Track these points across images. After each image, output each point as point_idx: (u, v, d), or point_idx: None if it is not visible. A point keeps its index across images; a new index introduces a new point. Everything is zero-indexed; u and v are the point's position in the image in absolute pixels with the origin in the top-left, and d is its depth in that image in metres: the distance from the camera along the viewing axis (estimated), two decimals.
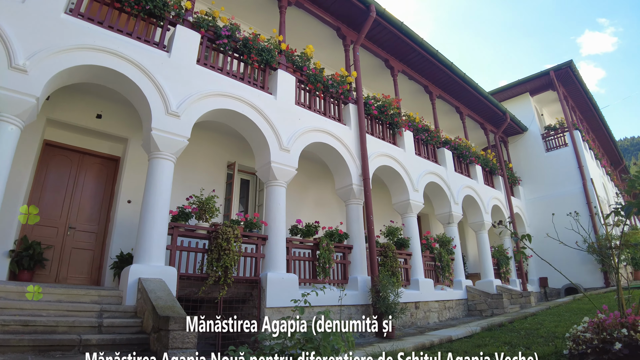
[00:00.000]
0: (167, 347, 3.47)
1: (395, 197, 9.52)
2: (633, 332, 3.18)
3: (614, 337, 3.23)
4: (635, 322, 3.24)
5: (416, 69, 11.24)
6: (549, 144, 15.20)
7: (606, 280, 12.39)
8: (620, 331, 3.21)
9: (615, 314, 3.40)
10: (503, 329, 6.14)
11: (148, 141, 5.21)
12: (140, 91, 5.26)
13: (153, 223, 4.89)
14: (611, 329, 3.30)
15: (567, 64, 14.75)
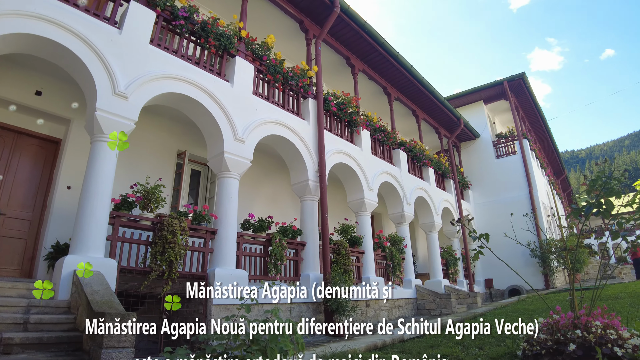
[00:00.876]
0: (101, 346, 3.22)
1: (350, 195, 9.57)
2: (586, 333, 3.21)
3: (568, 338, 3.26)
4: (588, 324, 3.29)
5: (376, 69, 11.37)
6: (499, 151, 15.96)
7: (546, 282, 13.20)
8: (574, 332, 3.25)
9: (568, 315, 3.46)
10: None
11: (91, 122, 4.86)
12: (85, 68, 4.88)
13: (92, 211, 4.56)
14: (565, 330, 3.34)
15: (519, 75, 15.56)
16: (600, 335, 3.15)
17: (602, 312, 3.45)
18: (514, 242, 5.43)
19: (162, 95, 5.68)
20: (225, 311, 5.35)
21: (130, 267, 4.98)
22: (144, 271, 5.00)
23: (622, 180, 3.50)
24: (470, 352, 4.49)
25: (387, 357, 4.45)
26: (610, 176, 3.48)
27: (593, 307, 3.54)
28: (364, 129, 10.09)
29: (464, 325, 6.63)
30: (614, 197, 3.49)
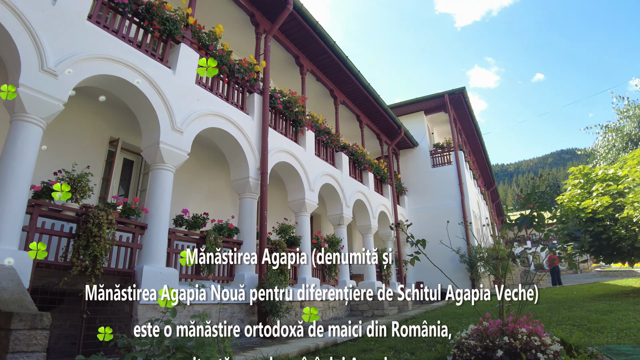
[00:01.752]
0: (6, 351, 2.89)
1: (291, 194, 9.58)
2: (513, 340, 3.39)
3: (496, 345, 3.42)
4: (515, 330, 3.48)
5: (325, 71, 11.49)
6: (435, 161, 16.81)
7: (473, 287, 14.10)
8: (502, 339, 3.42)
9: (497, 322, 3.64)
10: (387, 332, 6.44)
11: (12, 99, 4.41)
12: (8, 37, 4.42)
13: (7, 198, 4.14)
14: (493, 336, 3.50)
15: (460, 90, 16.50)
16: (526, 342, 3.35)
17: (527, 319, 3.66)
18: (444, 247, 5.69)
19: (98, 76, 5.30)
20: (152, 311, 5.11)
21: (49, 261, 4.59)
22: (65, 266, 4.63)
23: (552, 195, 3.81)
24: (403, 357, 4.58)
25: None
26: (544, 192, 3.78)
27: (520, 315, 3.74)
28: (308, 129, 10.15)
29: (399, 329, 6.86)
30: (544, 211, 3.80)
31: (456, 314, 8.24)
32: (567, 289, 13.52)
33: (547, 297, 10.50)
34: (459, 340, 3.75)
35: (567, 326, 5.64)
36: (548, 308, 8.11)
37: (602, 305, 7.78)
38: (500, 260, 9.63)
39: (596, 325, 5.52)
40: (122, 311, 4.95)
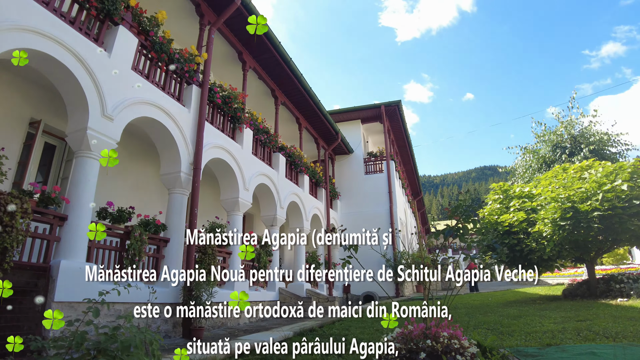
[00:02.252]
0: None
1: (224, 193, 9.40)
2: (435, 343, 3.63)
3: (419, 347, 3.64)
4: (437, 334, 3.71)
5: (267, 70, 11.44)
6: (368, 168, 17.43)
7: (397, 291, 14.76)
8: (425, 342, 3.65)
9: (420, 326, 3.85)
10: (314, 334, 6.56)
11: None
12: None
13: None
14: (417, 339, 3.71)
15: (396, 102, 17.28)
16: (447, 345, 3.60)
17: (448, 324, 3.90)
18: (372, 252, 5.90)
19: (21, 50, 4.83)
20: (70, 310, 4.74)
21: None
22: None
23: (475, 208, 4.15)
24: (331, 358, 4.69)
25: None
26: (469, 206, 4.10)
27: (441, 320, 3.96)
28: (247, 127, 10.03)
29: (323, 330, 7.00)
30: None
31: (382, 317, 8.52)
32: (483, 296, 14.66)
33: (465, 302, 11.30)
34: (384, 342, 3.88)
35: (482, 330, 6.12)
36: (466, 313, 8.75)
37: (513, 310, 8.54)
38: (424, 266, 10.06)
39: (508, 329, 6.06)
40: (33, 310, 4.54)
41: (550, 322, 6.42)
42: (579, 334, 5.23)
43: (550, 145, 19.01)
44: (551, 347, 4.49)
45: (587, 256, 10.32)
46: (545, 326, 6.03)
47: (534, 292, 14.17)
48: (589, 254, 10.20)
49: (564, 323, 6.16)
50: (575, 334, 5.20)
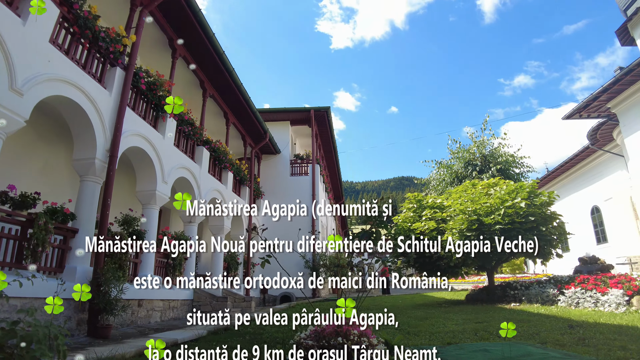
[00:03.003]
0: None
1: (141, 184, 8.98)
2: (346, 340, 3.84)
3: (331, 344, 3.83)
4: (348, 332, 3.93)
5: (198, 61, 11.16)
6: (294, 170, 17.66)
7: (314, 292, 15.07)
8: (337, 339, 3.85)
9: (333, 325, 4.03)
10: (229, 333, 6.54)
11: None
12: None
13: None
14: (329, 337, 3.90)
15: (325, 108, 17.76)
16: (357, 342, 3.84)
17: (358, 323, 4.12)
18: (292, 252, 6.10)
19: None
20: None
21: None
22: None
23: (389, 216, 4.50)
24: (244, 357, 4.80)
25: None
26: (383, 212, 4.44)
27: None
28: (171, 117, 9.68)
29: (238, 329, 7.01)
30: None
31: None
32: (394, 298, 15.54)
33: (377, 304, 11.91)
34: (298, 340, 4.07)
35: (391, 330, 6.57)
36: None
37: (420, 313, 9.22)
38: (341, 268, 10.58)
39: (414, 330, 6.57)
40: None
41: (452, 323, 7.05)
42: (476, 334, 5.85)
43: (463, 162, 20.78)
44: (451, 345, 4.99)
45: (489, 265, 11.48)
46: (448, 327, 6.63)
47: (440, 297, 15.34)
48: (490, 263, 11.34)
49: (464, 324, 6.81)
50: (473, 334, 5.80)
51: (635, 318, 6.57)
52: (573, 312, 7.65)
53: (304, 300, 13.41)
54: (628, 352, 4.02)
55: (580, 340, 4.81)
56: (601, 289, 8.16)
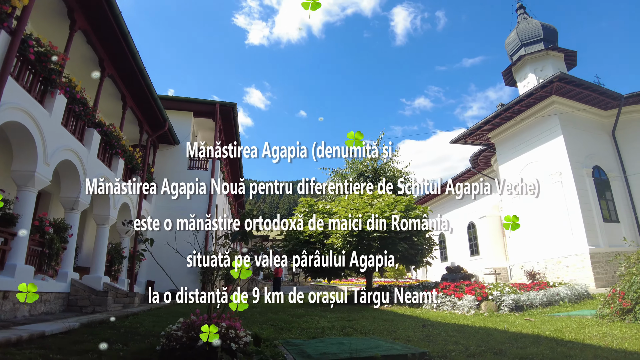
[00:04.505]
0: None
1: (18, 163, 8.16)
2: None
3: (199, 335, 3.91)
4: (217, 324, 4.13)
5: (100, 37, 10.48)
6: (193, 163, 17.20)
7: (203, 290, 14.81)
8: None
9: (204, 317, 4.31)
10: (104, 326, 6.36)
11: None
12: None
13: None
14: (199, 328, 4.02)
15: (232, 104, 17.63)
16: (224, 334, 4.14)
17: (230, 317, 4.46)
18: (183, 248, 6.22)
19: None
20: None
21: None
22: None
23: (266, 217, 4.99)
24: (114, 347, 4.80)
25: (22, 353, 4.25)
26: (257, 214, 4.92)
27: (224, 312, 4.52)
28: (61, 93, 8.97)
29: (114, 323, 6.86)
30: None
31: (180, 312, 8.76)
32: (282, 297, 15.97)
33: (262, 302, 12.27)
34: (169, 332, 4.25)
35: (267, 325, 7.00)
36: (260, 311, 9.66)
37: (301, 311, 9.79)
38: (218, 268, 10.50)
39: (289, 325, 7.10)
40: None
41: (325, 321, 7.72)
42: (342, 330, 6.53)
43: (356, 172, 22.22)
44: (314, 339, 5.60)
45: (367, 268, 12.59)
46: (320, 324, 7.25)
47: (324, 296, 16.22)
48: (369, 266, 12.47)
49: (335, 322, 7.49)
50: (340, 330, 6.47)
51: (479, 319, 7.86)
52: (432, 314, 8.82)
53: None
54: (457, 346, 4.92)
55: (426, 336, 5.71)
56: (458, 294, 9.53)
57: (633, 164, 19.54)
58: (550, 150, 19.54)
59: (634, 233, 19.14)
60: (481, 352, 4.51)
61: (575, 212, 18.24)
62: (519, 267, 20.90)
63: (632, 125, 20.39)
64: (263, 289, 25.01)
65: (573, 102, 19.98)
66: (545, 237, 19.52)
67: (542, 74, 24.16)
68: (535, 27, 25.99)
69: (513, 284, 12.09)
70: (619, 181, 19.99)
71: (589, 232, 17.81)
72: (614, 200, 19.66)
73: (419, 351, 4.43)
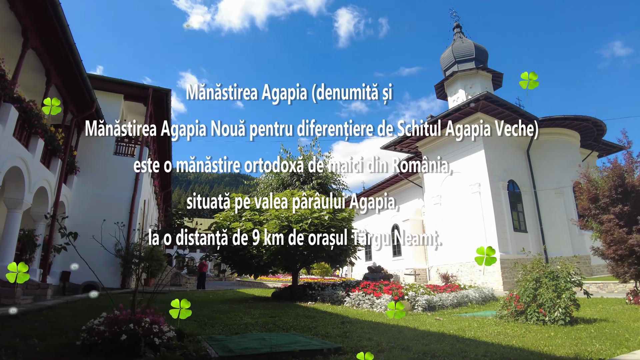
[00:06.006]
0: None
1: None
2: (138, 327, 4.17)
3: (122, 330, 4.10)
4: (140, 319, 4.27)
5: (26, 4, 9.71)
6: (120, 149, 16.42)
7: (123, 282, 14.25)
8: (129, 326, 4.13)
9: (127, 312, 4.35)
10: (15, 320, 6.03)
11: None
12: None
13: None
14: (122, 323, 4.17)
15: (166, 91, 17.05)
16: (147, 329, 4.23)
17: (153, 312, 4.55)
18: (105, 239, 6.14)
19: None
20: None
21: None
22: None
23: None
24: (30, 342, 4.59)
25: None
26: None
27: (148, 307, 4.62)
28: None
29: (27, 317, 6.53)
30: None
31: (99, 306, 8.45)
32: (207, 293, 15.88)
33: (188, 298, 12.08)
34: (90, 326, 4.27)
35: (191, 321, 7.04)
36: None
37: (225, 307, 9.87)
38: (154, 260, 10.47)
39: (213, 321, 7.20)
40: None
41: (249, 317, 7.89)
42: (265, 326, 6.77)
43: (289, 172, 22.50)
44: (237, 335, 5.77)
45: (294, 266, 13.00)
46: (244, 320, 7.43)
47: (250, 293, 16.34)
48: (295, 265, 12.88)
49: (259, 318, 7.70)
50: (263, 327, 6.71)
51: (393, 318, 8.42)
52: (352, 312, 9.32)
53: (111, 291, 12.66)
54: (370, 342, 5.37)
55: (344, 333, 6.13)
56: (377, 293, 10.16)
57: (542, 180, 21.79)
58: (472, 163, 21.21)
59: (539, 242, 21.44)
60: (390, 348, 4.97)
61: (490, 221, 20.00)
62: (435, 269, 22.43)
63: (544, 145, 22.77)
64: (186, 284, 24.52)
65: (496, 120, 21.86)
66: (461, 242, 21.17)
67: (471, 91, 26.05)
68: (469, 46, 27.91)
69: (428, 285, 13.03)
70: (530, 195, 22.23)
71: (500, 240, 19.64)
72: (524, 212, 21.86)
73: (334, 346, 4.79)
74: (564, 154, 22.57)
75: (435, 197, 23.62)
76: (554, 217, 21.67)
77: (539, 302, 7.49)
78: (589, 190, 10.99)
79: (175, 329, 4.70)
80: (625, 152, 11.08)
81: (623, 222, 10.21)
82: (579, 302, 7.56)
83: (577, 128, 23.05)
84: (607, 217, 10.37)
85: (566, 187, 20.96)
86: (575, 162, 21.85)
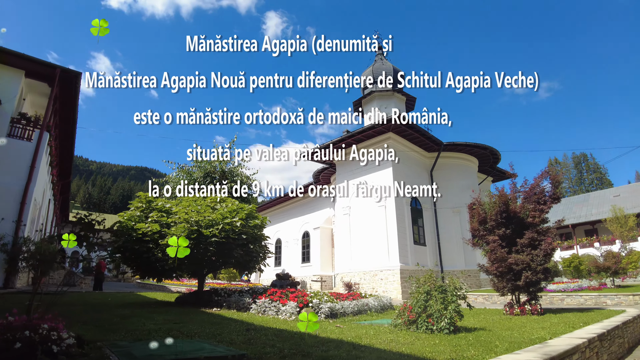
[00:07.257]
0: None
1: None
2: (34, 334, 3.92)
3: (17, 338, 3.82)
4: (37, 326, 4.02)
5: None
6: (14, 131, 14.74)
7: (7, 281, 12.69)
8: (24, 333, 3.87)
9: (23, 318, 4.07)
10: None
11: None
12: None
13: None
14: (16, 330, 3.88)
15: (77, 74, 15.54)
16: (45, 336, 4.01)
17: (52, 317, 4.31)
18: None
19: None
20: None
21: None
22: None
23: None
24: None
25: None
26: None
27: (47, 312, 4.38)
28: None
29: None
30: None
31: None
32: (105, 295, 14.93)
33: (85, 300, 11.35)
34: None
35: (91, 326, 6.74)
36: (83, 310, 9.06)
37: (126, 311, 9.47)
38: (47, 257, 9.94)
39: (114, 327, 6.93)
40: None
41: (152, 323, 7.67)
42: (169, 332, 6.68)
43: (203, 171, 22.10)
44: (140, 341, 5.65)
45: (201, 271, 12.74)
46: (147, 326, 7.22)
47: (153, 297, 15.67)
48: (202, 270, 12.63)
49: (163, 324, 7.54)
50: (167, 333, 6.60)
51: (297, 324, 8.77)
52: (257, 318, 9.49)
53: None
54: (274, 349, 5.60)
55: (248, 339, 6.30)
56: (283, 300, 10.44)
57: (442, 199, 23.83)
58: (380, 178, 22.62)
59: (436, 255, 23.49)
60: (292, 354, 5.28)
61: (393, 233, 21.45)
62: (340, 277, 23.40)
63: (446, 167, 25.06)
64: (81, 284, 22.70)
65: (405, 140, 23.60)
66: (366, 251, 22.41)
67: (385, 111, 27.66)
68: (389, 68, 29.60)
69: (332, 293, 13.61)
70: (430, 212, 24.24)
71: (401, 251, 21.14)
72: (424, 227, 23.78)
73: (239, 353, 4.96)
74: (463, 177, 25.02)
75: (345, 207, 24.68)
76: (451, 234, 23.85)
77: (428, 313, 8.30)
78: (479, 213, 12.38)
79: (76, 335, 4.52)
80: (510, 182, 12.64)
81: (505, 243, 11.70)
82: (463, 313, 8.50)
83: (477, 155, 25.72)
84: (492, 238, 11.78)
85: (462, 207, 23.19)
86: (473, 185, 24.33)
